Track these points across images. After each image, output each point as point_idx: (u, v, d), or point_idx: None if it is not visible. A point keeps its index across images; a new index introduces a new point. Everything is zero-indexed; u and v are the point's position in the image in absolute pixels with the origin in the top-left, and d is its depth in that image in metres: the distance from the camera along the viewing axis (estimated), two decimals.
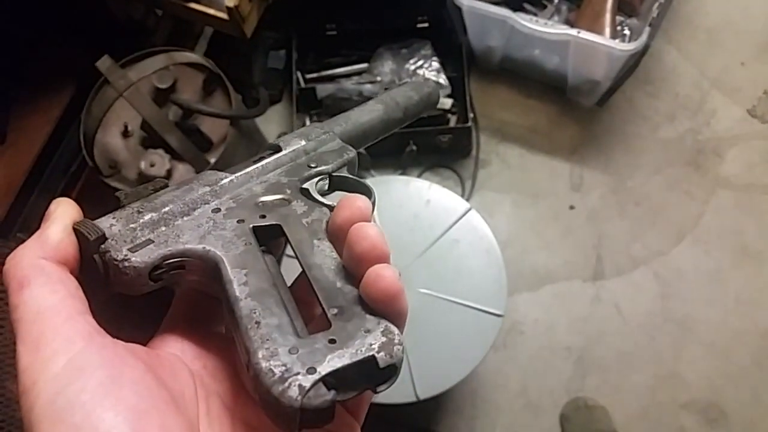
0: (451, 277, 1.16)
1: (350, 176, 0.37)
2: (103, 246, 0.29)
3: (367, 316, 0.27)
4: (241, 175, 0.34)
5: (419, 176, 1.57)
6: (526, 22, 1.32)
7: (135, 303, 0.31)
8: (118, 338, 0.28)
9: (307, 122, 1.56)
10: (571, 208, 1.55)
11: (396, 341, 0.26)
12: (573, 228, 1.53)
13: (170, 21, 1.47)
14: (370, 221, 0.30)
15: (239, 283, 0.28)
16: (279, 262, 0.33)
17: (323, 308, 0.27)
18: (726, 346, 1.41)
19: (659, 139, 1.59)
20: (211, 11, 1.12)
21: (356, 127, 0.41)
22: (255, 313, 0.27)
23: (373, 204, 0.35)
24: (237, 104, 1.23)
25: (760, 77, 1.62)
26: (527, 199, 1.56)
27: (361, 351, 0.25)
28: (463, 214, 1.19)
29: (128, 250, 0.29)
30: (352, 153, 0.38)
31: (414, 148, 1.50)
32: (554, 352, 1.44)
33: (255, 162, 0.36)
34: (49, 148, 1.25)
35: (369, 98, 0.47)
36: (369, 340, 0.26)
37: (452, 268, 1.16)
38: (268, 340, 0.26)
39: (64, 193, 1.29)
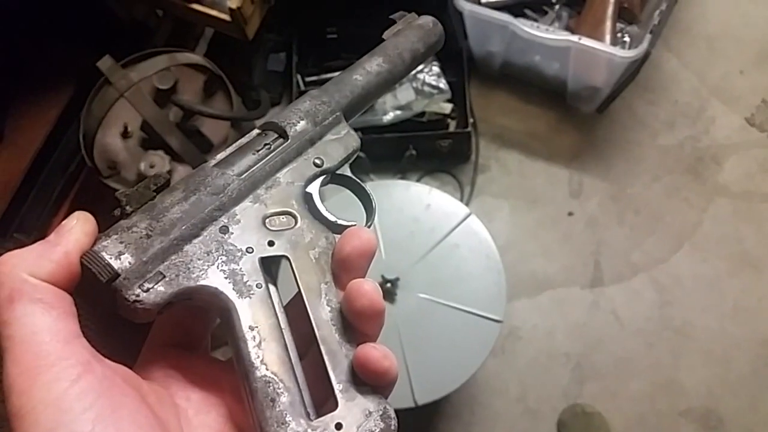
0: (450, 281, 1.15)
1: (352, 177, 0.38)
2: (114, 283, 0.29)
3: (369, 396, 0.30)
4: (247, 177, 0.34)
5: (418, 181, 1.57)
6: (527, 27, 1.33)
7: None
8: (105, 355, 0.28)
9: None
10: (570, 214, 1.55)
11: (392, 427, 0.30)
12: (572, 234, 1.53)
13: (171, 22, 1.47)
14: (374, 252, 0.33)
15: (254, 345, 0.30)
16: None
17: (331, 382, 0.30)
18: (724, 354, 1.41)
19: (658, 147, 1.59)
20: (214, 12, 1.12)
21: (361, 95, 0.40)
22: (270, 387, 0.29)
23: (374, 212, 0.37)
24: (238, 106, 1.23)
25: (759, 86, 1.62)
26: (526, 205, 1.56)
27: None
28: (463, 219, 1.19)
29: (139, 288, 0.29)
30: (357, 143, 0.38)
31: (413, 152, 1.50)
32: (552, 358, 1.43)
33: (258, 151, 0.35)
34: (47, 147, 1.24)
35: None
36: (370, 426, 0.29)
37: (452, 273, 1.16)
38: (282, 424, 0.28)
39: (62, 194, 1.28)
